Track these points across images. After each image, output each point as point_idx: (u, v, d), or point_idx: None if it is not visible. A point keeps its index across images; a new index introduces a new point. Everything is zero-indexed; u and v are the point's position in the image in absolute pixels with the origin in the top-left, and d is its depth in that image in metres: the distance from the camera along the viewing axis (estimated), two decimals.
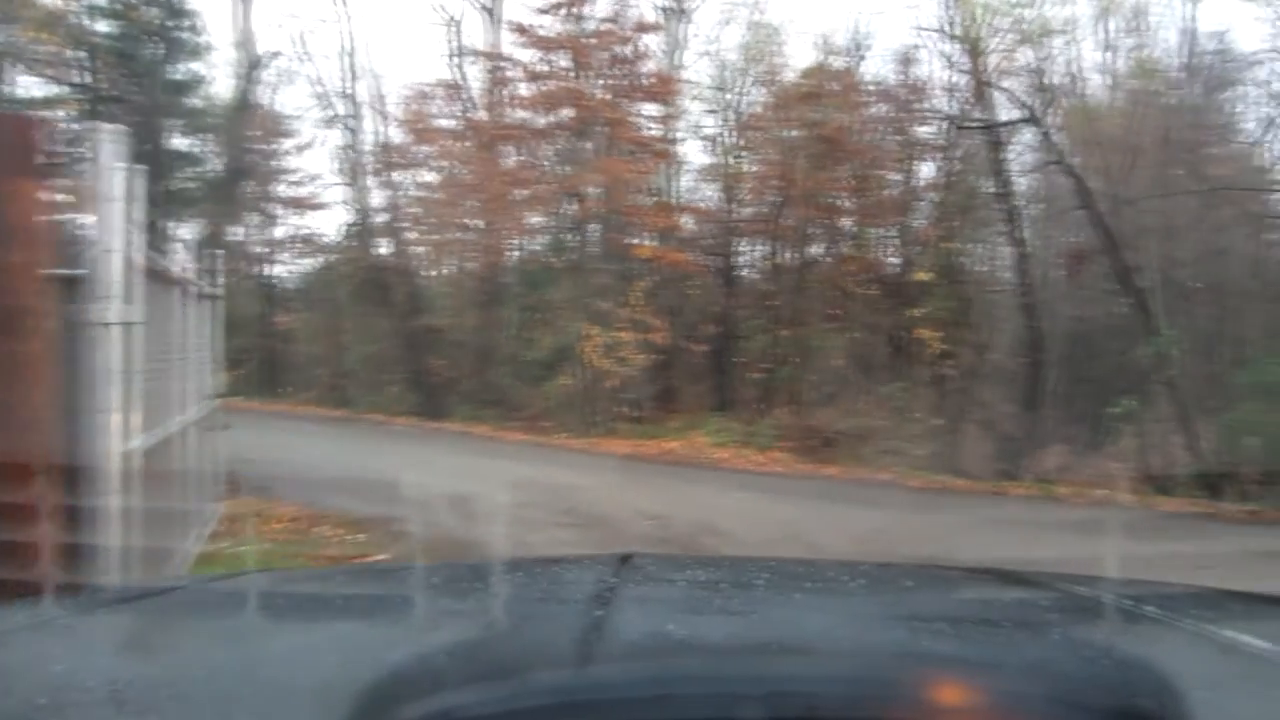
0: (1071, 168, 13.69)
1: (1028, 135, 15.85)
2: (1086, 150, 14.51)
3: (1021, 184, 16.90)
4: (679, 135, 21.00)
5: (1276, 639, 1.18)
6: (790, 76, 20.52)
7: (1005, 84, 14.49)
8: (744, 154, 21.59)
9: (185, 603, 1.41)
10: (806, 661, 0.95)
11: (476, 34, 20.39)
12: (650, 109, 17.37)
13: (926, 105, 18.47)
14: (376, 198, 21.06)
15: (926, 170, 19.22)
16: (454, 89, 19.94)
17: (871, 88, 19.71)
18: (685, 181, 22.14)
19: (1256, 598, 1.69)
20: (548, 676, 0.87)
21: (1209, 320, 14.44)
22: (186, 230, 22.98)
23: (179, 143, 22.79)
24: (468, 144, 18.31)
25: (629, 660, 0.98)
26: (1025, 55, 15.07)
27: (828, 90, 19.06)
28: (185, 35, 22.14)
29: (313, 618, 1.29)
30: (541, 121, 16.78)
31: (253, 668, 1.03)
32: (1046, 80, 13.85)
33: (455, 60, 19.72)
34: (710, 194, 22.08)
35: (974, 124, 15.20)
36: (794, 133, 19.18)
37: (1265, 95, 16.09)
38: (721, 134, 21.85)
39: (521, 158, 17.62)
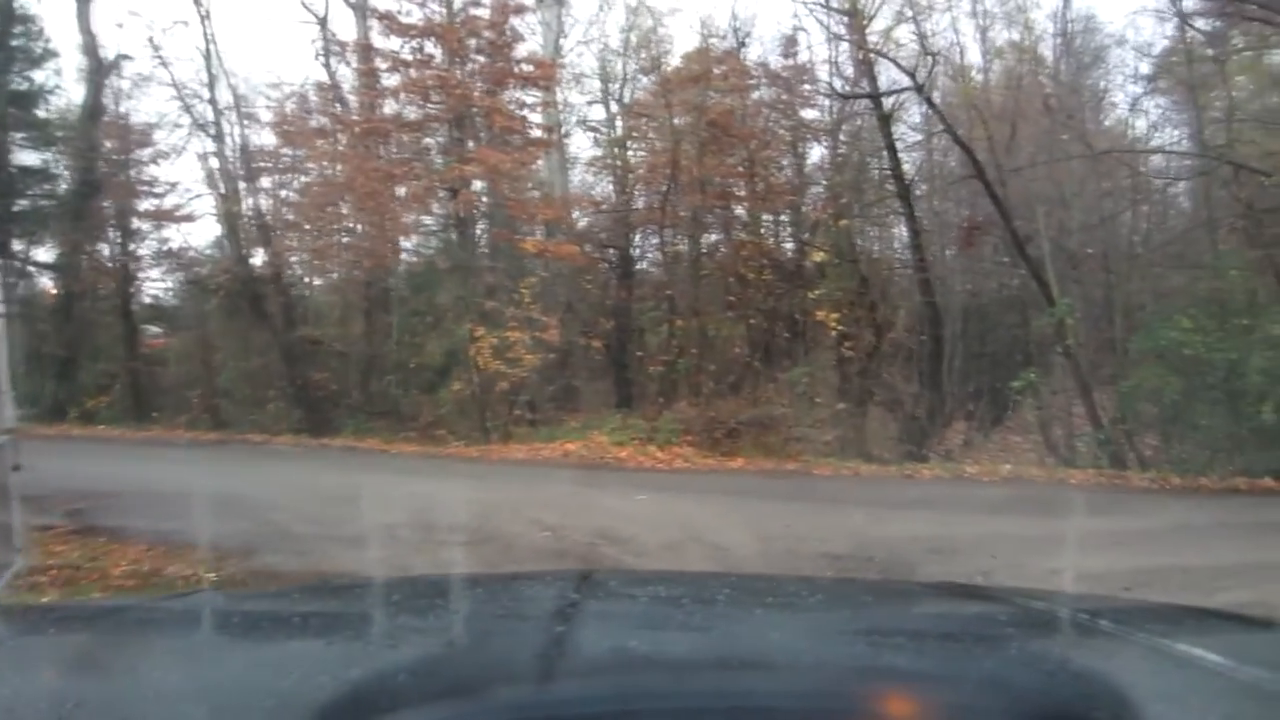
0: (959, 137, 13.22)
1: (916, 115, 15.47)
2: (971, 122, 14.08)
3: (912, 160, 16.50)
4: (565, 127, 20.07)
5: (1230, 653, 1.13)
6: (675, 62, 19.77)
7: (889, 55, 13.93)
8: (632, 143, 20.78)
9: (137, 621, 1.32)
10: (767, 676, 0.94)
11: (347, 31, 19.11)
12: (530, 97, 16.26)
13: (812, 86, 17.92)
14: (247, 206, 19.37)
15: (817, 154, 18.72)
16: (325, 88, 18.53)
17: (757, 70, 19.05)
18: (576, 175, 21.30)
19: (1210, 613, 1.68)
20: (509, 693, 0.85)
21: (1102, 288, 14.18)
22: (41, 251, 20.99)
23: (26, 158, 20.59)
24: (338, 142, 16.87)
25: (591, 676, 0.95)
26: (908, 27, 14.61)
27: (713, 74, 18.31)
28: (23, 42, 20.03)
29: (270, 636, 1.23)
30: (413, 114, 15.50)
31: (207, 687, 0.97)
32: (929, 50, 13.33)
33: (323, 58, 18.35)
34: (602, 186, 21.28)
35: (860, 94, 14.62)
36: (681, 119, 18.38)
37: (1132, 74, 16.05)
38: (609, 124, 21.02)
39: (395, 153, 16.29)
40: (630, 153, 21.02)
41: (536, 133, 16.94)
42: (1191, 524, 9.19)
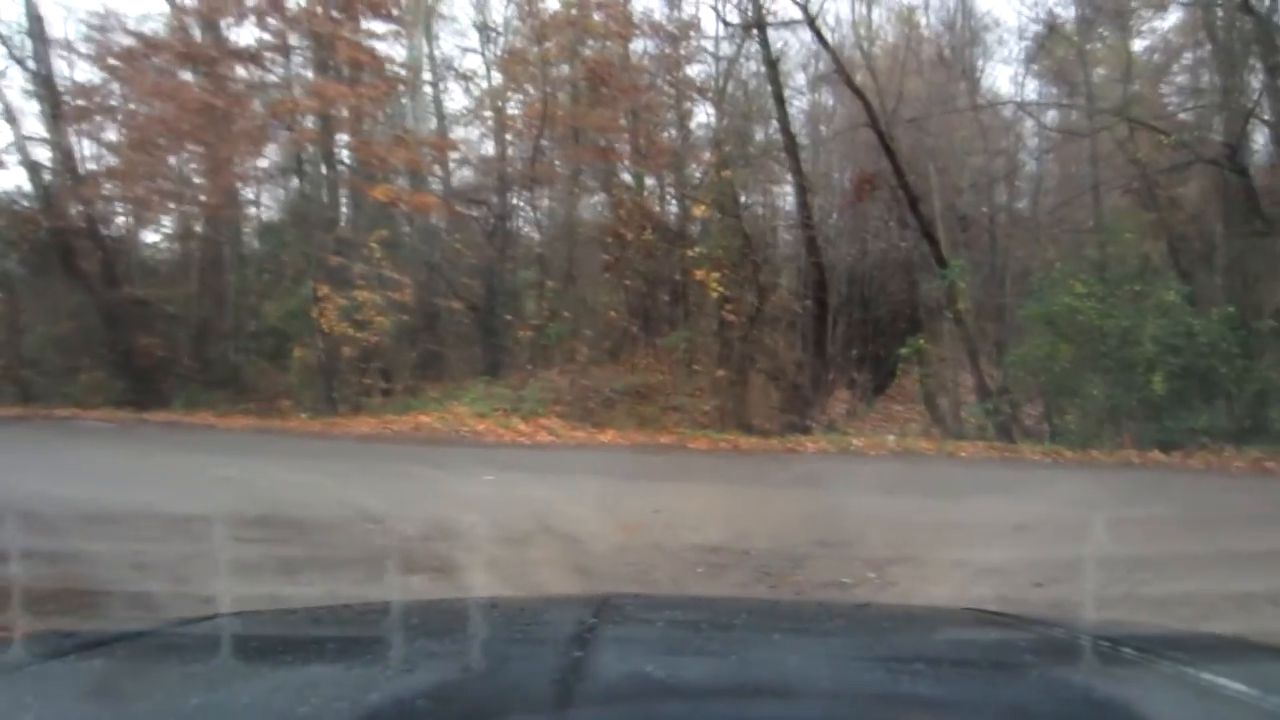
0: (850, 79, 11.95)
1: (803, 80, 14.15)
2: (863, 70, 12.83)
3: (800, 116, 15.19)
4: (441, 81, 17.99)
5: (1254, 682, 1.09)
6: (553, 6, 17.89)
7: None
8: (510, 95, 18.84)
9: (158, 647, 1.31)
10: (785, 703, 0.93)
11: None
12: (383, 28, 14.15)
13: (698, 32, 16.39)
14: (56, 148, 16.50)
15: (704, 116, 17.22)
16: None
17: (640, 21, 17.39)
18: (458, 132, 19.21)
19: (1235, 641, 1.62)
20: (525, 718, 0.85)
21: (991, 252, 13.22)
22: None
23: None
24: (157, 73, 14.33)
25: (608, 703, 0.94)
26: None
27: (592, 19, 16.57)
28: None
29: (287, 661, 1.20)
30: (241, 39, 13.21)
31: (226, 713, 0.96)
32: None
33: None
34: (476, 137, 19.30)
35: (749, 24, 13.15)
36: (557, 66, 16.60)
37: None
38: (486, 75, 19.03)
39: (230, 81, 13.91)
40: (508, 107, 19.09)
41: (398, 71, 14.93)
42: (1094, 503, 8.14)
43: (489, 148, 19.35)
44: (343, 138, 15.35)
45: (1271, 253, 11.31)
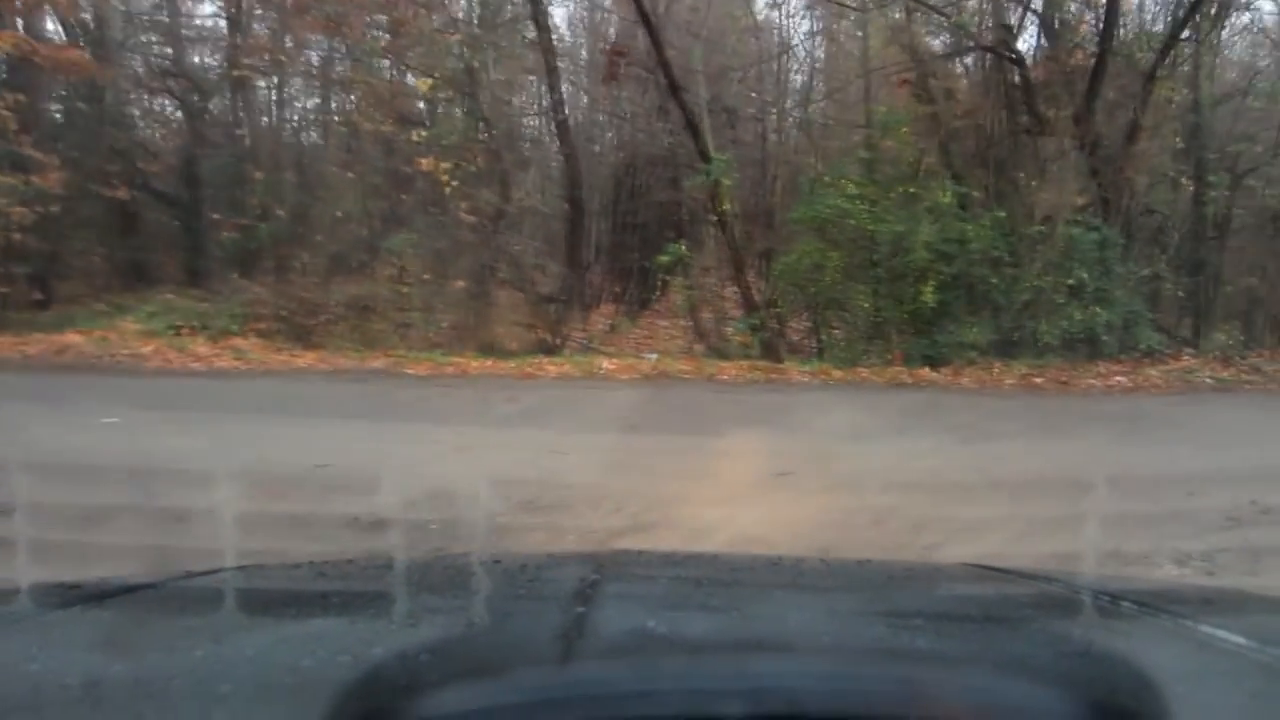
0: None
1: None
2: None
3: None
4: None
5: (1254, 634, 1.08)
6: None
7: None
8: None
9: (162, 599, 1.28)
10: (788, 658, 0.89)
11: None
12: None
13: None
14: None
15: None
16: None
17: None
18: None
19: (1235, 594, 1.61)
20: (529, 673, 0.81)
21: (764, 150, 11.46)
22: None
23: None
24: None
25: (610, 657, 0.91)
26: None
27: None
28: None
29: (291, 614, 1.18)
30: None
31: (231, 665, 0.92)
32: None
33: None
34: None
35: None
36: None
37: None
38: None
39: None
40: None
41: None
42: (865, 433, 6.60)
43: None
44: None
45: (1043, 153, 10.26)
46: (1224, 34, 11.65)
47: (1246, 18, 11.80)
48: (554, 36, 11.98)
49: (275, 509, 4.45)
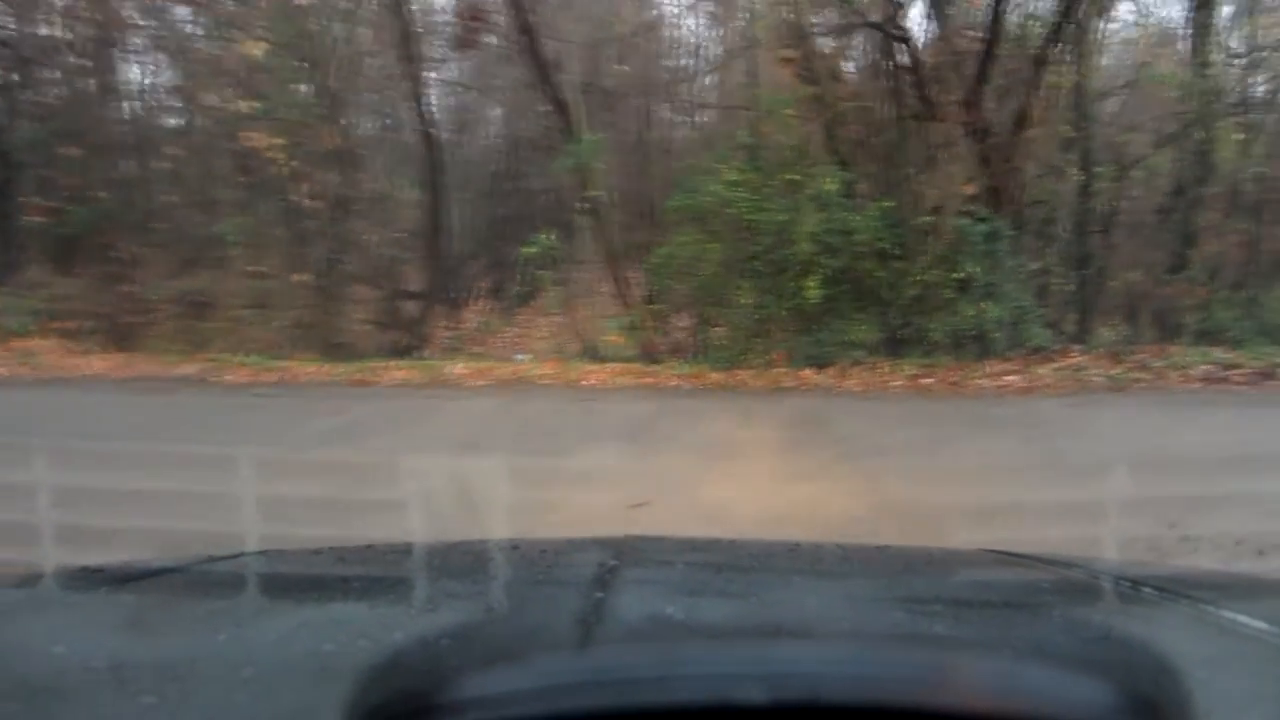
0: None
1: None
2: None
3: None
4: None
5: (1274, 620, 1.06)
6: None
7: None
8: None
9: (185, 583, 1.28)
10: (807, 643, 0.87)
11: None
12: None
13: None
14: None
15: None
16: None
17: None
18: None
19: (1257, 580, 1.57)
20: (548, 658, 0.80)
21: (645, 133, 10.47)
22: None
23: None
24: None
25: (629, 642, 0.90)
26: None
27: None
28: None
29: (313, 598, 1.18)
30: None
31: (253, 648, 0.94)
32: None
33: None
34: None
35: None
36: None
37: None
38: None
39: None
40: None
41: None
42: (738, 449, 5.68)
43: None
44: None
45: (933, 140, 9.57)
46: (1111, 24, 11.22)
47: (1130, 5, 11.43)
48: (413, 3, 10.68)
49: None
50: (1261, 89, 10.80)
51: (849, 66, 9.98)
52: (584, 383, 8.08)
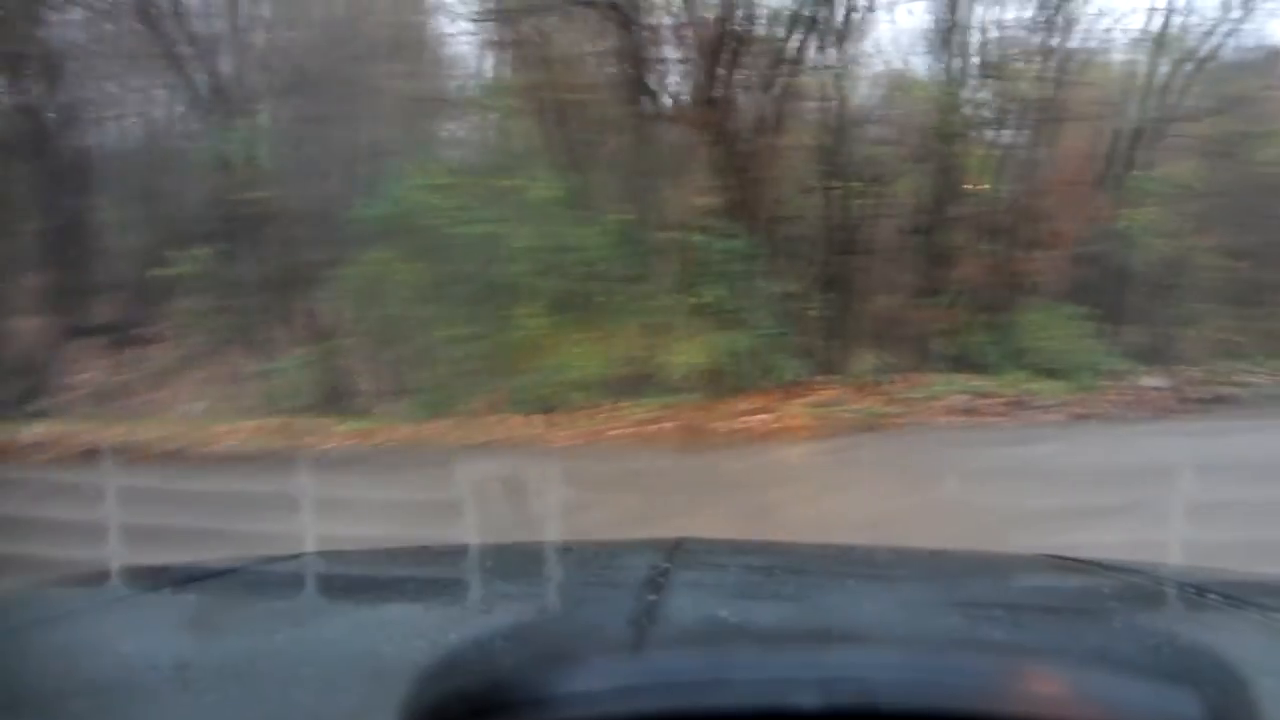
0: None
1: None
2: None
3: None
4: None
5: None
6: None
7: None
8: None
9: (246, 583, 1.30)
10: (860, 647, 0.82)
11: None
12: None
13: None
14: None
15: None
16: None
17: None
18: None
19: None
20: (602, 660, 0.77)
21: (328, 118, 8.38)
22: None
23: None
24: None
25: (682, 645, 0.87)
26: None
27: None
28: None
29: (368, 599, 1.18)
30: None
31: (311, 648, 0.95)
32: None
33: None
34: None
35: None
36: None
37: None
38: None
39: None
40: None
41: None
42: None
43: None
44: None
45: (675, 144, 8.21)
46: (873, 26, 10.43)
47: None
48: None
49: None
50: (1006, 108, 10.40)
51: (576, 51, 8.40)
52: (204, 450, 5.89)
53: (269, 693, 0.82)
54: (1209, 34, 10.53)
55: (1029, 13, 10.25)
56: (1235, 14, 10.54)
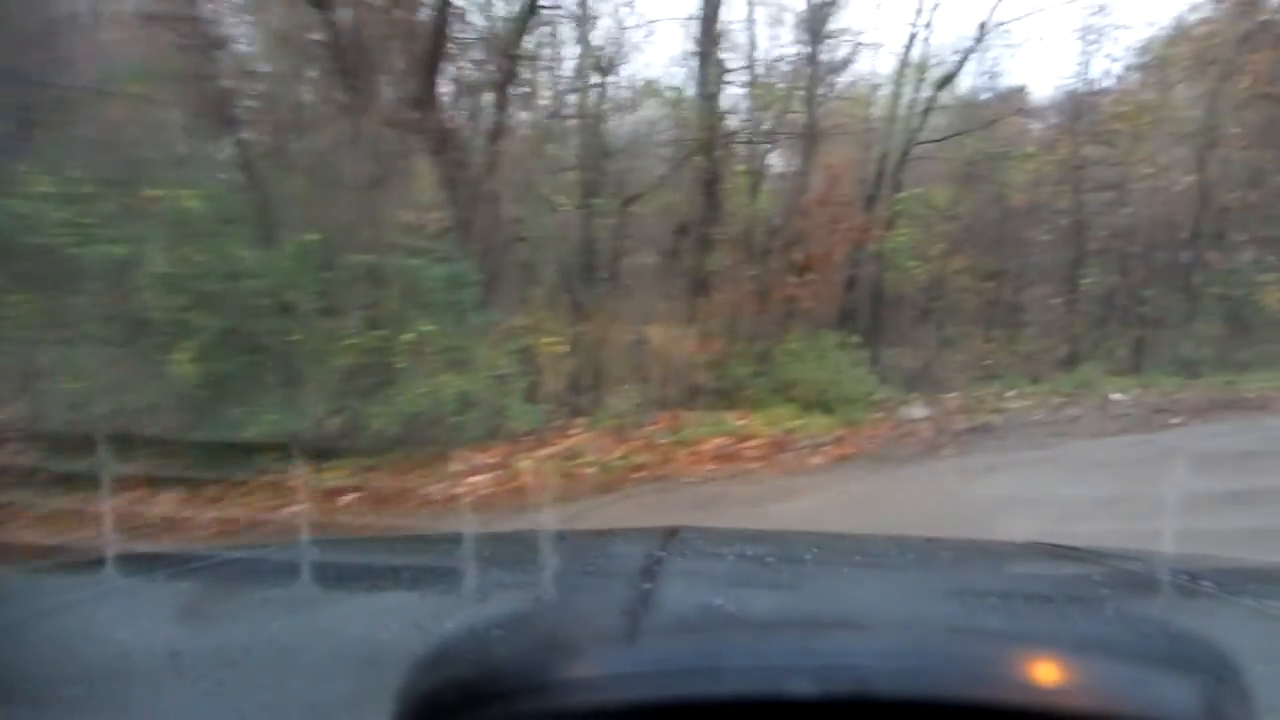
0: None
1: None
2: None
3: None
4: None
5: None
6: None
7: None
8: None
9: (241, 571, 1.30)
10: (856, 635, 0.84)
11: None
12: None
13: None
14: None
15: None
16: None
17: None
18: None
19: None
20: (597, 648, 0.79)
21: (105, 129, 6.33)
22: None
23: None
24: None
25: (678, 633, 0.88)
26: None
27: None
28: None
29: (364, 587, 1.17)
30: None
31: (307, 636, 0.95)
32: None
33: None
34: None
35: None
36: None
37: None
38: None
39: None
40: None
41: None
42: None
43: None
44: None
45: (380, 148, 6.79)
46: (620, 30, 9.51)
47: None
48: None
49: None
50: (765, 125, 9.84)
51: (243, 29, 6.84)
52: None
53: (264, 680, 0.81)
54: (959, 61, 10.54)
55: (789, 32, 9.82)
56: (980, 43, 10.62)
